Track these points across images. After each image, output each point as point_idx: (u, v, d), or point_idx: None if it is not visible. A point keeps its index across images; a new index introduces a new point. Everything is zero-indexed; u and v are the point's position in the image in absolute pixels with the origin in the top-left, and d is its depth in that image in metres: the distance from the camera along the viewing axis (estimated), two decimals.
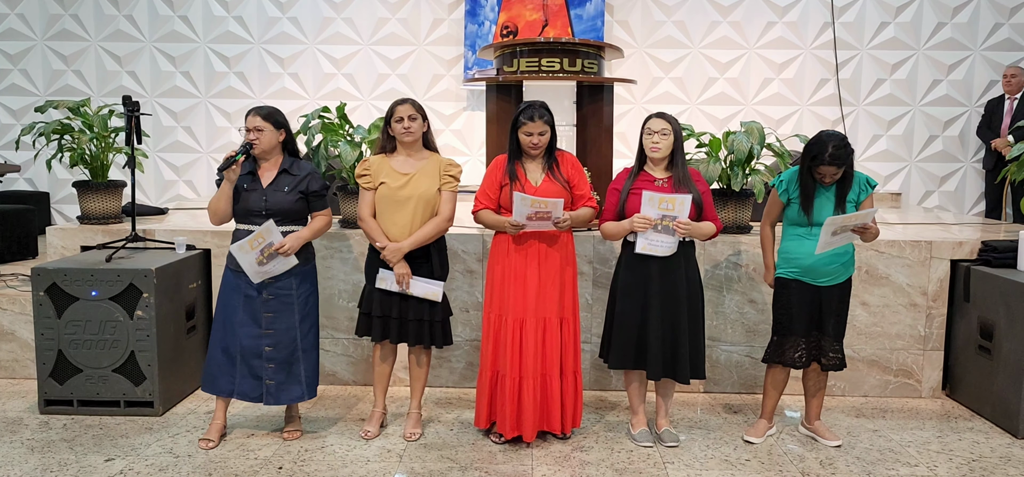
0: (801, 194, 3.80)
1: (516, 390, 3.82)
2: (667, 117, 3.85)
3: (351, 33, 8.24)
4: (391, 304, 3.88)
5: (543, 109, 3.81)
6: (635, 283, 3.82)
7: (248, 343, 3.82)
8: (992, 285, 4.34)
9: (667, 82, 8.25)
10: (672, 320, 3.81)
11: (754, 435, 4.03)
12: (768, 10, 8.18)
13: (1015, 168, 5.12)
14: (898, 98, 8.21)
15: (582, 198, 3.88)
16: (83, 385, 4.23)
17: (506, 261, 3.84)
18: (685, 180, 3.80)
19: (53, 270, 4.18)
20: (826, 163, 3.68)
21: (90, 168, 5.11)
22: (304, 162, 3.92)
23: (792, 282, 3.86)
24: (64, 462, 3.67)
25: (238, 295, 3.82)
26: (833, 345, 3.89)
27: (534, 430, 3.86)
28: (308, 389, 3.93)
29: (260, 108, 3.80)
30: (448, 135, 8.32)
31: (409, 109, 3.83)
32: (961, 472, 3.70)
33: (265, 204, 3.74)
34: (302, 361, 3.89)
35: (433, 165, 3.89)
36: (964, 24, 8.08)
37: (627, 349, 3.85)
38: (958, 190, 8.32)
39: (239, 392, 3.86)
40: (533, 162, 3.87)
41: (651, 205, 3.65)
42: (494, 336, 3.87)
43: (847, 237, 3.73)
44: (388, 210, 3.84)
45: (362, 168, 3.91)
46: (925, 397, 4.73)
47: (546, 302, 3.81)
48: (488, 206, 3.86)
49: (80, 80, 8.24)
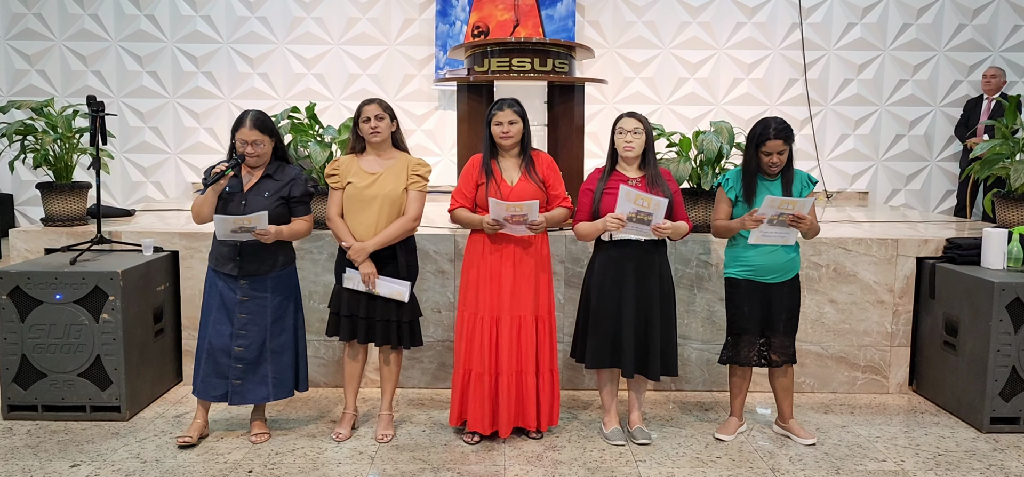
0: (745, 190, 3.85)
1: (492, 387, 3.83)
2: (638, 116, 3.88)
3: (321, 33, 8.19)
4: (359, 304, 3.87)
5: (513, 100, 3.85)
6: (609, 282, 3.84)
7: (219, 341, 3.79)
8: (956, 282, 4.41)
9: (638, 82, 8.29)
10: (645, 318, 3.83)
11: (725, 433, 4.06)
12: (737, 11, 8.25)
13: (978, 166, 5.21)
14: (865, 98, 8.33)
15: (557, 198, 3.90)
16: (48, 390, 4.15)
17: (481, 260, 3.84)
18: (658, 179, 3.83)
19: (16, 273, 4.11)
20: (772, 137, 3.75)
21: (54, 169, 5.02)
22: (290, 166, 3.90)
23: (742, 282, 3.91)
24: (28, 468, 3.60)
25: (215, 292, 3.82)
26: (784, 341, 3.93)
27: (510, 426, 3.86)
28: (274, 390, 3.90)
29: (256, 120, 3.74)
30: (419, 135, 8.30)
31: (376, 109, 3.82)
32: (928, 466, 3.76)
33: (244, 209, 3.72)
34: (270, 362, 3.87)
35: (401, 165, 3.88)
36: (929, 25, 8.21)
37: (603, 348, 3.87)
38: (924, 188, 8.45)
39: (201, 391, 3.84)
40: (509, 160, 3.87)
41: (627, 200, 3.65)
42: (468, 334, 3.86)
43: (782, 233, 3.78)
44: (354, 209, 3.83)
45: (331, 168, 3.91)
46: (892, 393, 4.80)
47: (521, 301, 3.82)
48: (464, 204, 3.86)
49: (44, 80, 8.10)
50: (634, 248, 3.81)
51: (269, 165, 3.83)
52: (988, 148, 5.13)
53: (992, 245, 4.39)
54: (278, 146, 3.87)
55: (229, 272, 3.78)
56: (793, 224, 3.76)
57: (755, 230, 3.78)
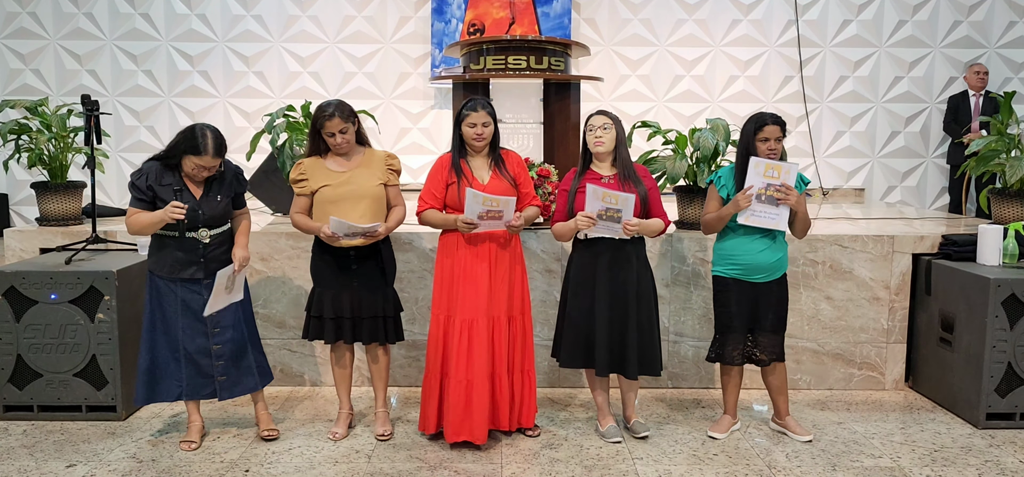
0: (738, 183, 3.84)
1: (465, 394, 3.75)
2: (608, 113, 3.88)
3: (317, 31, 8.17)
4: (343, 305, 3.85)
5: (485, 101, 3.83)
6: (583, 281, 3.84)
7: (194, 344, 3.76)
8: (952, 278, 4.42)
9: (634, 80, 8.29)
10: (620, 317, 3.82)
11: (718, 431, 4.06)
12: (733, 8, 8.25)
13: (974, 163, 5.22)
14: (861, 95, 8.33)
15: (528, 197, 3.90)
16: (43, 390, 4.14)
17: (455, 260, 3.80)
18: (631, 176, 3.82)
19: (11, 273, 4.10)
20: (769, 123, 3.77)
21: (49, 169, 5.01)
22: (225, 162, 3.84)
23: (731, 281, 3.90)
24: (24, 469, 3.60)
25: (174, 300, 3.74)
26: (771, 340, 3.93)
27: (484, 433, 3.79)
28: (261, 378, 3.91)
29: (219, 142, 3.65)
30: (415, 133, 8.29)
31: (338, 123, 3.73)
32: (923, 462, 3.76)
33: (202, 217, 3.70)
34: (251, 352, 3.89)
35: (374, 161, 3.87)
36: (924, 22, 8.21)
37: (576, 347, 3.87)
38: (920, 185, 8.46)
39: (187, 393, 3.81)
40: (478, 159, 3.86)
41: (595, 198, 3.64)
42: (445, 338, 3.82)
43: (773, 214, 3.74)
44: (331, 211, 3.74)
45: (297, 173, 3.84)
46: (888, 389, 4.81)
47: (497, 301, 3.78)
48: (433, 205, 3.82)
49: (39, 79, 8.08)
50: (606, 246, 3.79)
51: None
52: (984, 144, 5.14)
53: (988, 241, 4.40)
54: None
55: (191, 276, 3.72)
56: (781, 199, 3.74)
57: (746, 210, 3.76)
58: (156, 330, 3.77)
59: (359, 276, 3.85)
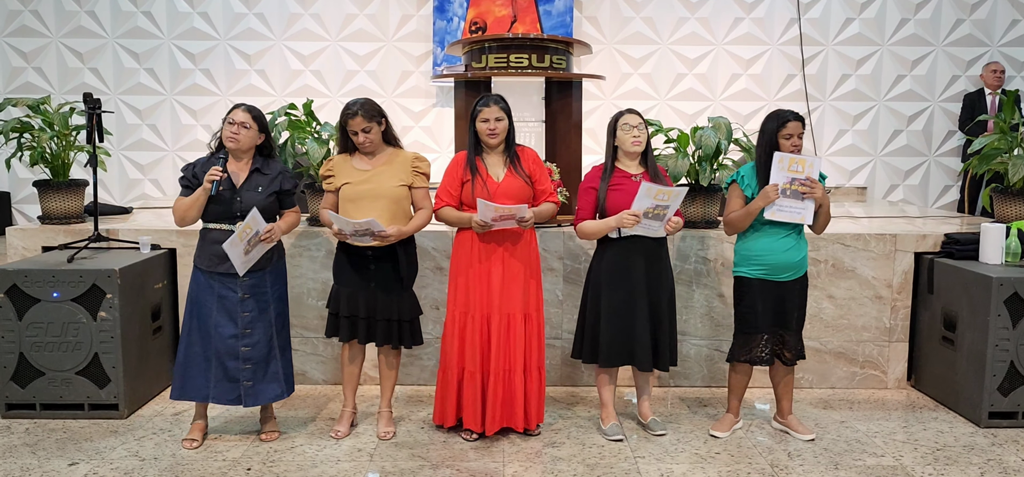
0: (760, 182, 3.83)
1: (482, 387, 3.81)
2: (638, 112, 3.91)
3: (318, 29, 8.17)
4: (359, 304, 3.85)
5: (499, 96, 3.83)
6: (621, 277, 3.83)
7: (224, 344, 3.77)
8: (954, 277, 4.41)
9: (636, 78, 8.28)
10: (656, 313, 3.85)
11: (720, 430, 4.06)
12: (735, 6, 8.24)
13: (977, 161, 5.21)
14: (863, 93, 8.32)
15: (544, 193, 3.88)
16: (46, 388, 4.14)
17: (470, 258, 3.82)
18: (658, 175, 3.87)
19: (13, 271, 4.10)
20: (792, 119, 3.77)
21: (51, 167, 5.01)
22: (274, 161, 3.90)
23: (755, 281, 3.89)
24: (27, 467, 3.60)
25: (211, 295, 3.77)
26: (796, 339, 3.94)
27: (496, 426, 3.84)
28: (286, 387, 3.92)
29: (251, 107, 3.80)
30: (417, 132, 8.28)
31: (361, 122, 3.76)
32: (926, 461, 3.76)
33: (240, 205, 3.71)
34: (279, 359, 3.88)
35: (401, 161, 3.87)
36: (926, 20, 8.20)
37: (618, 345, 3.85)
38: (922, 184, 8.45)
39: (214, 396, 3.81)
40: (493, 156, 3.86)
41: (647, 196, 3.63)
42: (460, 333, 3.84)
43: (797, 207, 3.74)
44: (353, 209, 3.77)
45: (325, 169, 3.91)
46: (891, 388, 4.80)
47: (511, 298, 3.80)
48: (450, 203, 3.83)
49: (41, 77, 8.08)
50: (643, 242, 3.80)
51: (255, 160, 3.82)
52: (986, 143, 5.13)
53: (990, 240, 4.39)
54: (265, 144, 3.86)
55: (227, 270, 3.74)
56: (806, 193, 3.73)
57: (772, 205, 3.75)
58: (193, 324, 3.80)
59: (376, 277, 3.84)
